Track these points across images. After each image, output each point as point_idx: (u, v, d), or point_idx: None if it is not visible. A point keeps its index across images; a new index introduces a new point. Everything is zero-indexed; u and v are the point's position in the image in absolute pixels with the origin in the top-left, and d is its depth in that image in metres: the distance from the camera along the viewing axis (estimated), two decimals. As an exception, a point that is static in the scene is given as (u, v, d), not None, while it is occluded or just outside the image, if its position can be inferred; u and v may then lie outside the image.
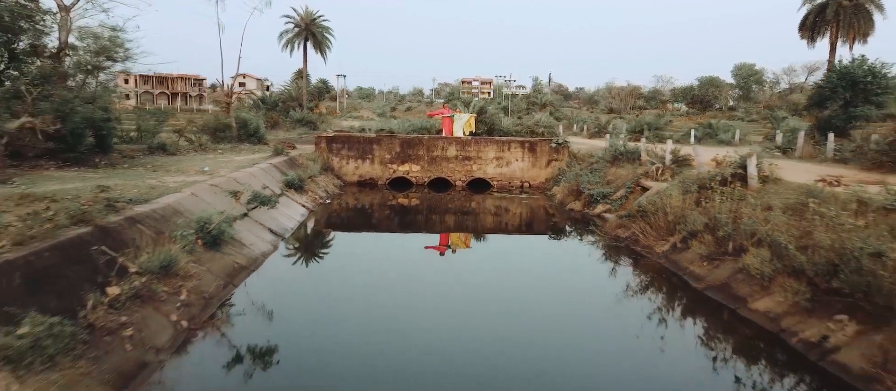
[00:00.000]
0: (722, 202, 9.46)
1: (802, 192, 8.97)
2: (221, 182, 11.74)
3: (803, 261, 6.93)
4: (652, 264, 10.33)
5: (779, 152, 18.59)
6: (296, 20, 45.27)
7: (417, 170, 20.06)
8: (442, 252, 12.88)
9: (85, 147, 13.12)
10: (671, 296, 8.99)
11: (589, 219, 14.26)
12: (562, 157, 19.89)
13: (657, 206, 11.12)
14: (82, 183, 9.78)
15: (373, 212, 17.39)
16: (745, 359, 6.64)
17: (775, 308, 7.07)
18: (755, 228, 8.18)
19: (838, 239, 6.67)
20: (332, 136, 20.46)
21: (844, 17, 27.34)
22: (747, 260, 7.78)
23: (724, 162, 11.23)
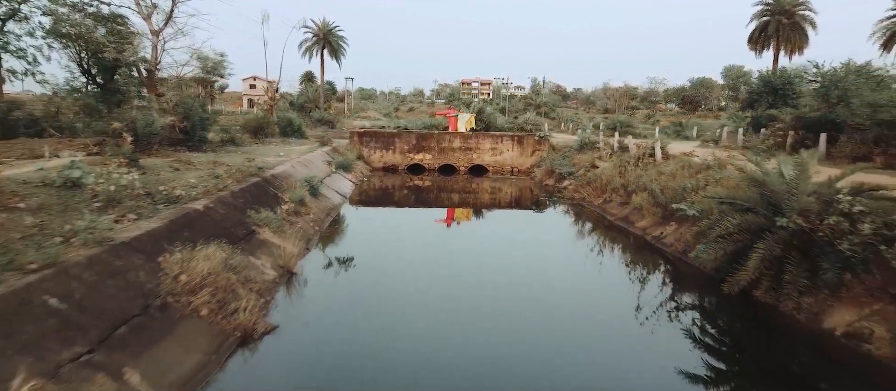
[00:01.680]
0: (632, 171, 14.83)
1: (678, 163, 14.33)
2: (299, 161, 17.07)
3: (661, 197, 12.27)
4: (591, 211, 15.71)
5: (712, 143, 23.92)
6: (314, 30, 50.66)
7: (429, 158, 25.43)
8: (448, 224, 18.17)
9: (198, 138, 18.42)
10: (597, 226, 14.35)
11: (558, 190, 19.63)
12: (543, 148, 25.24)
13: (597, 176, 16.50)
14: (225, 157, 15.11)
15: (395, 189, 22.69)
16: (628, 250, 12.00)
17: (645, 224, 12.44)
18: (644, 183, 13.53)
19: (677, 184, 12.02)
20: (362, 132, 25.83)
21: (783, 32, 32.69)
22: (635, 200, 13.15)
23: (642, 146, 16.58)
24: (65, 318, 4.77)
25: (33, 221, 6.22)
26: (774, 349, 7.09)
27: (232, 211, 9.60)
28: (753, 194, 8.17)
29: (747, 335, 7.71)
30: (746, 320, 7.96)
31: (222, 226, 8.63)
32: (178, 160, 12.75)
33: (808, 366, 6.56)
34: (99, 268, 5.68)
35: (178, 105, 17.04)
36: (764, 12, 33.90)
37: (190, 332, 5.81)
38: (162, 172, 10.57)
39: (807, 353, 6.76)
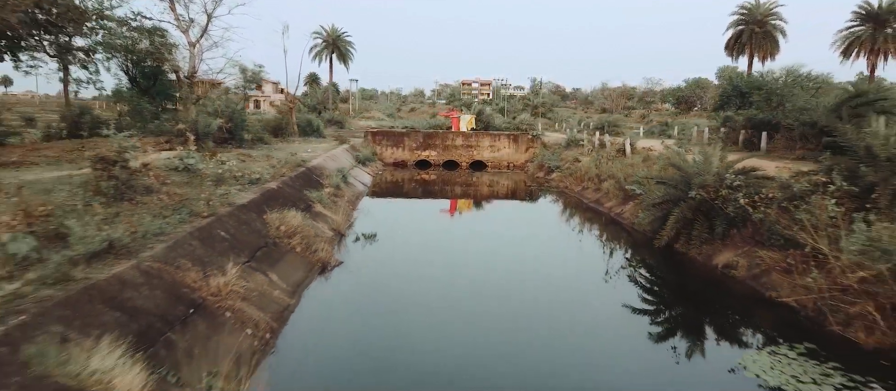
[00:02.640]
0: (606, 163, 18.04)
1: (640, 156, 17.53)
2: (328, 156, 20.27)
3: (623, 183, 15.46)
4: (572, 197, 18.93)
5: (686, 140, 27.10)
6: (324, 36, 53.93)
7: (435, 154, 28.64)
8: (452, 214, 21.37)
9: (239, 137, 21.61)
10: (576, 208, 17.56)
11: (547, 181, 22.85)
12: (536, 145, 28.43)
13: (578, 169, 19.72)
14: (269, 152, 18.30)
15: (405, 182, 25.90)
16: (597, 224, 15.21)
17: (610, 204, 15.66)
18: (612, 173, 16.75)
19: (635, 172, 15.22)
20: (376, 131, 29.04)
21: (756, 40, 35.90)
22: (604, 186, 16.37)
23: (615, 143, 19.80)
24: (231, 243, 7.98)
25: (184, 191, 9.43)
26: (684, 280, 10.32)
27: (293, 190, 12.81)
28: (675, 175, 11.37)
29: (669, 273, 10.93)
30: (669, 264, 11.17)
31: (291, 199, 11.84)
32: (240, 154, 15.94)
33: (701, 286, 9.78)
34: (235, 219, 8.89)
35: (225, 109, 20.27)
36: (739, 22, 37.13)
37: (293, 260, 9.03)
38: (234, 162, 13.77)
39: (701, 280, 9.96)
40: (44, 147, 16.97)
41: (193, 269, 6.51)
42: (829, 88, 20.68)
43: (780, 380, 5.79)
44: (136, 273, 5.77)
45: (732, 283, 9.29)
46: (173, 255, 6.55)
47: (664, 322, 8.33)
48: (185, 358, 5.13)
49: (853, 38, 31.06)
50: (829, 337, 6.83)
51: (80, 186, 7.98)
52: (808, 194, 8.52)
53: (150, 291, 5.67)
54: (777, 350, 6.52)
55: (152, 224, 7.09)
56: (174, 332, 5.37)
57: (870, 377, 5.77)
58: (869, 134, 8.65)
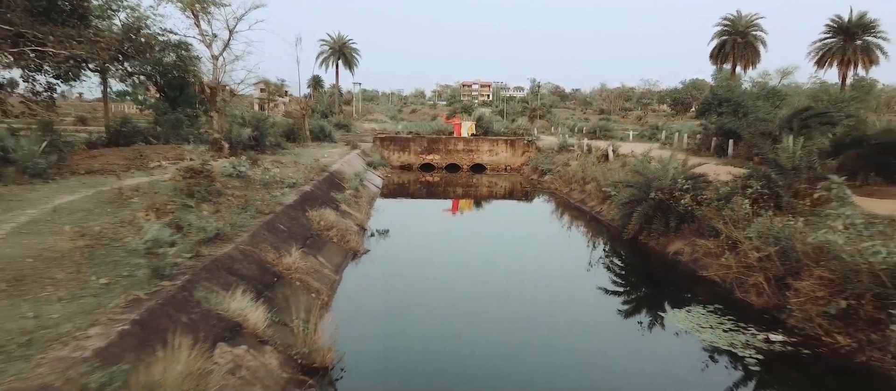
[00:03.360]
0: (590, 167, 20.49)
1: (619, 161, 19.98)
2: (344, 161, 22.72)
3: (610, 184, 17.90)
4: (561, 198, 21.39)
5: (668, 145, 29.54)
6: (330, 43, 56.39)
7: (438, 158, 31.09)
8: (454, 212, 23.82)
9: (263, 144, 24.05)
10: (565, 207, 20.02)
11: (540, 183, 25.30)
12: (531, 150, 30.88)
13: (567, 172, 22.18)
14: (294, 158, 20.75)
15: (411, 183, 28.35)
16: (580, 220, 17.68)
17: (592, 204, 18.12)
18: (594, 176, 19.20)
19: (613, 175, 17.67)
20: (384, 137, 31.49)
21: (739, 50, 38.36)
22: (588, 188, 18.83)
23: (599, 149, 22.26)
24: (288, 234, 10.44)
25: (244, 193, 11.88)
26: (645, 265, 12.79)
27: (323, 192, 15.27)
28: (639, 179, 13.82)
29: (634, 260, 13.39)
30: (634, 253, 13.62)
31: (322, 200, 14.30)
32: (274, 161, 18.39)
33: (657, 270, 12.24)
34: (287, 215, 11.35)
35: (252, 120, 22.74)
36: (723, 32, 39.59)
37: (332, 248, 11.49)
38: (275, 170, 16.22)
39: (657, 265, 12.42)
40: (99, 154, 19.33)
41: (271, 251, 8.98)
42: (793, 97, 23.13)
43: (686, 326, 8.27)
44: (237, 252, 8.23)
45: (679, 266, 11.75)
46: (255, 241, 9.01)
47: (628, 299, 10.78)
48: (279, 307, 7.59)
49: (826, 50, 33.47)
50: (733, 300, 9.30)
51: (174, 190, 10.43)
52: (731, 195, 10.98)
53: (249, 265, 8.14)
54: (693, 309, 9.00)
55: (235, 219, 9.55)
56: (268, 291, 7.83)
57: (750, 324, 8.24)
58: (779, 148, 11.11)
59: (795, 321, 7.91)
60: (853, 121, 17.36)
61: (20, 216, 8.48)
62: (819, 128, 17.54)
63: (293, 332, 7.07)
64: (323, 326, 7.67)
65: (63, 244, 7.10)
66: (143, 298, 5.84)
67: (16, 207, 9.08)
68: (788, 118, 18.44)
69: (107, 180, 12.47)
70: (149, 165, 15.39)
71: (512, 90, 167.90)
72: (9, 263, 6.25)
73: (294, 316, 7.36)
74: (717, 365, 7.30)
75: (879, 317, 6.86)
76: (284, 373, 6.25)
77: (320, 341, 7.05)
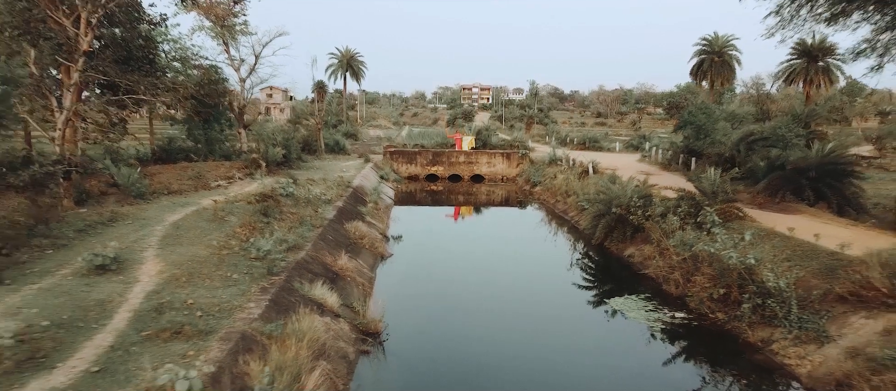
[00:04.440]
0: (574, 181, 24.10)
1: (598, 177, 23.57)
2: (362, 175, 26.30)
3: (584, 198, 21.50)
4: (549, 208, 25.01)
5: (648, 159, 33.11)
6: (338, 56, 60.04)
7: (442, 169, 34.70)
8: (456, 218, 27.43)
9: (290, 161, 27.63)
10: (550, 216, 23.63)
11: (532, 193, 28.91)
12: (525, 162, 34.48)
13: (554, 185, 25.80)
14: (319, 173, 24.36)
15: (418, 192, 31.95)
16: (562, 228, 21.30)
17: (573, 214, 21.74)
18: (575, 190, 22.81)
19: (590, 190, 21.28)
20: (393, 150, 35.10)
21: (715, 68, 41.99)
22: (569, 200, 22.45)
23: (582, 164, 25.88)
24: (335, 243, 14.05)
25: (297, 211, 15.47)
26: (608, 265, 16.42)
27: (351, 206, 18.87)
28: (605, 196, 17.42)
29: (600, 261, 17.00)
30: (601, 256, 17.23)
31: (353, 214, 17.90)
32: (307, 179, 21.99)
33: (615, 269, 15.85)
34: (331, 228, 14.96)
35: (283, 139, 26.36)
36: (701, 52, 43.22)
37: (366, 253, 15.10)
38: (316, 189, 19.78)
39: (616, 266, 16.03)
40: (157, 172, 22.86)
41: (328, 256, 12.59)
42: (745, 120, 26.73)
43: (620, 307, 11.91)
44: (308, 257, 11.84)
45: (631, 266, 15.36)
46: (317, 249, 12.62)
47: (592, 290, 14.40)
48: (342, 294, 11.19)
49: (791, 70, 37.06)
50: (660, 291, 12.91)
51: (253, 212, 14.01)
52: (667, 213, 14.58)
53: (317, 266, 11.75)
54: (629, 297, 12.62)
55: (300, 232, 13.15)
56: (332, 284, 11.43)
57: (666, 307, 11.86)
58: (703, 177, 14.71)
59: (693, 304, 11.52)
60: (802, 140, 20.81)
61: (155, 232, 12.09)
62: (761, 150, 21.13)
63: (354, 310, 10.67)
64: (370, 307, 11.27)
65: (202, 252, 10.71)
66: (267, 287, 9.45)
67: (145, 225, 12.69)
68: (737, 141, 22.04)
69: (189, 199, 16.11)
70: (210, 185, 19.03)
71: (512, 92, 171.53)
72: (181, 266, 9.85)
73: (353, 300, 10.98)
74: (639, 334, 10.92)
75: (740, 299, 10.45)
76: (353, 334, 9.86)
77: (371, 316, 10.65)
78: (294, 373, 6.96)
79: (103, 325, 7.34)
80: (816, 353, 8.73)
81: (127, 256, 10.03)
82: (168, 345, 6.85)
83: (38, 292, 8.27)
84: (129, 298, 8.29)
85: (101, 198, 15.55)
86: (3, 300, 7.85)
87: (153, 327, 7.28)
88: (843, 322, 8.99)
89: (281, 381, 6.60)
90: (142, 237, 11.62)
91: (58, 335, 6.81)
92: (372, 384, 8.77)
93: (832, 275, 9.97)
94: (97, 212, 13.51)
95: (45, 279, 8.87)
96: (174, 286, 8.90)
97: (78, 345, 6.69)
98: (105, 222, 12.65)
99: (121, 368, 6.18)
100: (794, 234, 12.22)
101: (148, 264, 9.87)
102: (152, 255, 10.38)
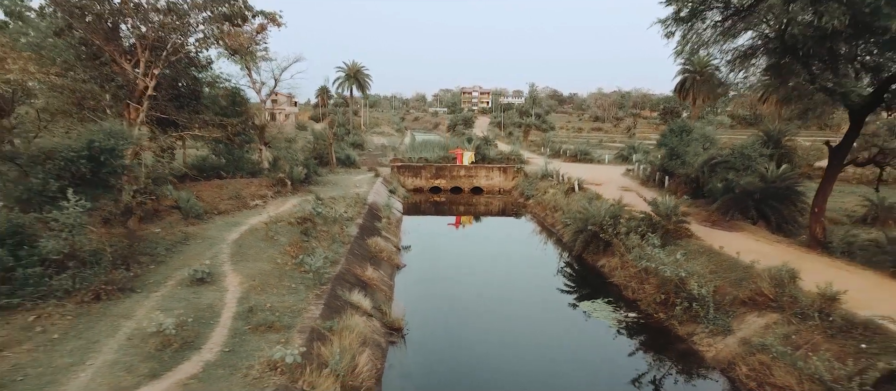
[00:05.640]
0: (561, 198, 27.44)
1: (581, 195, 26.92)
2: (374, 191, 29.60)
3: (567, 216, 24.83)
4: (540, 220, 28.36)
5: (630, 173, 36.42)
6: (346, 70, 63.42)
7: (444, 182, 38.04)
8: (457, 226, 30.76)
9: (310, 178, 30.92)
10: (542, 227, 26.98)
11: (525, 206, 32.27)
12: (520, 176, 37.82)
13: (544, 200, 29.15)
14: (339, 191, 27.70)
15: (422, 203, 35.27)
16: (550, 238, 24.67)
17: (559, 227, 25.08)
18: (562, 206, 26.16)
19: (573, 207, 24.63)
20: (400, 165, 38.45)
21: (697, 86, 45.34)
22: (556, 215, 25.80)
23: (570, 180, 29.23)
24: (361, 256, 17.38)
25: (326, 228, 18.79)
26: (584, 274, 19.77)
27: (369, 223, 22.19)
28: (582, 215, 20.74)
29: (579, 270, 20.34)
30: (579, 265, 20.56)
31: (371, 230, 21.22)
32: (330, 198, 25.30)
33: (590, 277, 19.19)
34: (357, 244, 18.29)
35: (305, 160, 29.71)
36: (684, 71, 46.56)
37: (385, 264, 18.42)
38: (332, 205, 23.09)
39: (591, 274, 19.36)
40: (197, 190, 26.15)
41: (358, 268, 15.92)
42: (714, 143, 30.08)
43: (587, 309, 15.27)
44: (343, 270, 15.17)
45: (603, 275, 18.69)
46: (349, 263, 15.95)
47: (571, 294, 17.74)
48: (371, 298, 14.51)
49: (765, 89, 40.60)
50: (621, 296, 16.24)
51: (298, 233, 17.30)
52: (629, 231, 17.91)
53: (350, 277, 15.08)
54: (597, 300, 15.96)
55: (335, 248, 16.46)
56: (364, 291, 14.75)
57: (623, 308, 15.21)
58: (660, 202, 18.05)
59: (643, 305, 14.86)
60: (767, 159, 24.00)
61: (223, 250, 15.42)
62: (721, 172, 24.44)
63: (382, 311, 14.00)
64: (393, 308, 14.60)
65: (266, 267, 14.05)
66: (319, 294, 12.78)
67: (213, 244, 16.01)
68: (702, 164, 25.36)
69: (237, 218, 19.44)
70: (249, 204, 22.37)
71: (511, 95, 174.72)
72: (254, 278, 13.18)
73: (379, 303, 14.33)
74: (599, 329, 14.26)
75: (675, 303, 13.78)
76: (382, 329, 13.19)
77: (394, 316, 13.98)
78: (350, 355, 10.28)
79: (217, 322, 10.67)
80: (721, 342, 12.07)
81: (214, 270, 13.35)
82: (265, 335, 10.17)
83: (163, 298, 11.60)
84: (227, 303, 11.63)
85: (163, 217, 18.85)
86: (143, 304, 11.18)
87: (252, 323, 10.60)
88: (742, 319, 12.33)
89: (344, 359, 9.92)
90: (215, 255, 14.95)
91: (194, 328, 10.14)
92: (399, 365, 12.10)
93: (740, 284, 13.31)
94: (171, 232, 16.82)
95: (161, 289, 12.20)
96: (254, 293, 12.23)
97: (208, 335, 10.02)
98: (180, 241, 15.99)
99: (243, 350, 9.49)
100: (722, 251, 15.54)
101: (230, 277, 13.21)
102: (230, 270, 13.72)
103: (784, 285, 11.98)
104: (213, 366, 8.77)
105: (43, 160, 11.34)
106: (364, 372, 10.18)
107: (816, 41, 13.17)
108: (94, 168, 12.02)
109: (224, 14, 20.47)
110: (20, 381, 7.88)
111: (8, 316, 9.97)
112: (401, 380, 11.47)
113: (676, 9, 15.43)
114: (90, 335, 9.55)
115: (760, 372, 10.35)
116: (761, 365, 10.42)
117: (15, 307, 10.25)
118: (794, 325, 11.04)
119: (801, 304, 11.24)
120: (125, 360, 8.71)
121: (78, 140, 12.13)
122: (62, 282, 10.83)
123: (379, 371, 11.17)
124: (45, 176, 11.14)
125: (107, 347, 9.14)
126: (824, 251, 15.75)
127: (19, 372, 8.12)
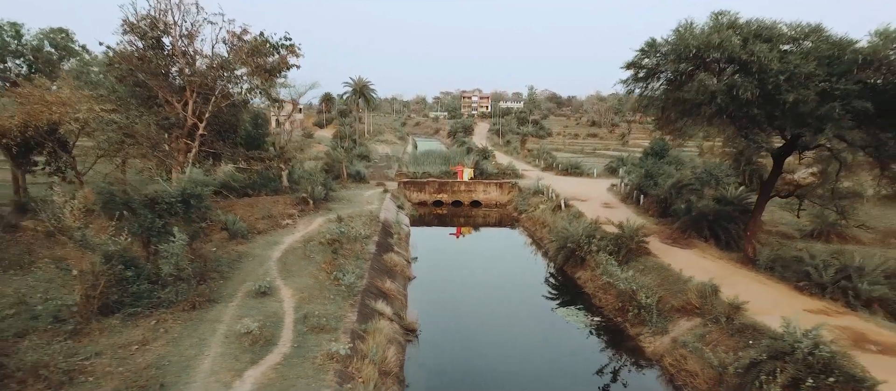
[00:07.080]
0: (549, 214, 31.32)
1: (566, 212, 30.80)
2: (384, 207, 33.44)
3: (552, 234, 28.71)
4: (531, 233, 32.25)
5: (613, 188, 40.29)
6: (352, 85, 67.34)
7: (446, 196, 41.95)
8: (458, 236, 34.62)
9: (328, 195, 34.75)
10: (532, 240, 30.85)
11: (518, 220, 36.16)
12: (515, 190, 41.71)
13: (535, 215, 33.05)
14: (353, 208, 31.60)
15: (426, 215, 39.15)
16: (538, 249, 28.56)
17: (547, 242, 28.96)
18: (549, 223, 30.04)
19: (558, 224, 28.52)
20: (406, 181, 42.36)
21: (679, 105, 49.17)
22: (544, 230, 29.70)
23: (557, 197, 33.12)
24: (380, 270, 21.25)
25: (350, 247, 22.64)
26: (566, 284, 23.67)
27: (383, 239, 26.05)
28: (563, 232, 24.61)
29: (561, 281, 24.23)
30: (562, 276, 24.42)
31: (385, 246, 25.08)
32: (349, 214, 29.16)
33: (569, 287, 23.07)
34: (375, 259, 22.15)
35: (324, 181, 33.61)
36: (667, 90, 50.36)
37: (399, 277, 22.29)
38: (350, 224, 26.91)
39: (570, 284, 23.24)
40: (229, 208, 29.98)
41: (378, 281, 19.80)
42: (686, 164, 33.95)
43: (561, 314, 19.17)
44: (368, 283, 19.04)
45: (579, 286, 22.55)
46: (371, 277, 19.82)
47: (552, 301, 21.62)
48: (391, 306, 18.38)
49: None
50: (591, 304, 20.12)
51: (329, 252, 21.14)
52: (599, 249, 21.78)
53: (373, 289, 18.95)
54: (570, 307, 19.86)
55: (359, 265, 20.32)
56: (385, 300, 18.61)
57: (591, 314, 19.10)
58: (624, 226, 21.94)
59: (607, 311, 18.74)
60: (737, 178, 27.77)
61: (271, 267, 19.27)
62: (686, 194, 28.31)
63: (400, 317, 17.86)
64: (408, 314, 18.45)
65: (309, 281, 17.92)
66: (353, 304, 16.65)
67: (262, 262, 19.86)
68: (670, 187, 29.24)
69: (274, 237, 23.31)
70: (281, 223, 26.25)
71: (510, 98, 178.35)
72: (302, 291, 17.03)
73: (397, 310, 18.20)
74: (570, 330, 18.14)
75: (628, 309, 17.64)
76: (401, 330, 17.06)
77: (409, 319, 17.84)
78: (382, 349, 14.15)
79: (283, 325, 14.53)
80: (658, 340, 15.96)
81: (270, 285, 17.22)
82: (320, 335, 14.03)
83: (238, 307, 15.46)
84: (286, 311, 15.50)
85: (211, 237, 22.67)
86: (226, 312, 15.03)
87: (308, 326, 14.46)
88: (675, 323, 16.22)
89: (378, 353, 13.77)
90: (266, 271, 18.82)
91: (269, 330, 13.99)
92: (416, 358, 15.98)
93: (677, 295, 17.19)
94: (225, 251, 20.67)
95: (234, 300, 16.05)
96: (305, 303, 16.09)
97: (280, 335, 13.88)
98: (236, 260, 19.86)
99: (306, 345, 13.35)
100: (670, 268, 19.42)
101: (283, 290, 17.08)
102: (282, 284, 17.60)
103: (707, 296, 15.86)
104: (289, 357, 12.64)
105: (151, 204, 15.16)
106: (391, 361, 14.06)
107: (737, 106, 17.06)
108: (186, 209, 15.85)
109: (265, 68, 24.32)
110: (167, 365, 11.74)
111: (136, 320, 13.85)
112: (417, 368, 15.35)
113: (634, 72, 19.39)
114: (199, 334, 13.42)
115: (679, 361, 14.24)
116: (681, 357, 14.31)
117: (137, 314, 14.12)
118: (708, 327, 14.93)
119: (715, 312, 15.12)
120: (230, 352, 12.57)
121: (175, 187, 16.01)
122: (168, 294, 14.69)
123: (401, 361, 15.04)
124: (152, 216, 14.98)
125: (213, 342, 13.02)
126: (753, 267, 19.62)
127: (164, 359, 11.99)
